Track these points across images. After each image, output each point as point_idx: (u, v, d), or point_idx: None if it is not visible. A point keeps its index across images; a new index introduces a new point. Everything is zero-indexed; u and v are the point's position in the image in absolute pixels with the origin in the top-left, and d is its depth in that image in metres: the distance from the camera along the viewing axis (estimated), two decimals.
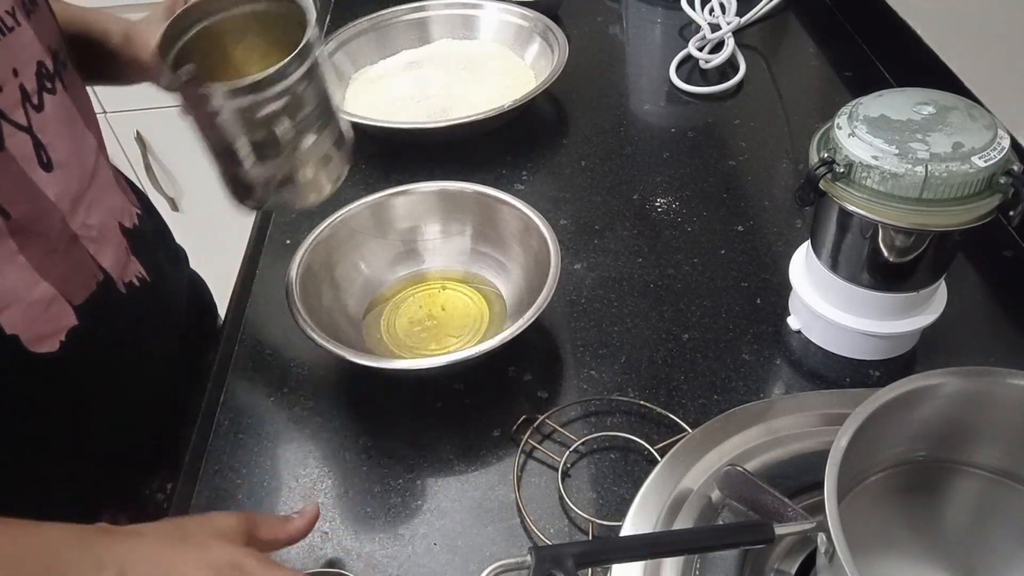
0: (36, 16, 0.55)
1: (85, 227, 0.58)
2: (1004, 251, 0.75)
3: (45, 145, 0.54)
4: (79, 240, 0.57)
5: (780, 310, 0.70)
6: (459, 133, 0.89)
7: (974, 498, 0.48)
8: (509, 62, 1.03)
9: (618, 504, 0.57)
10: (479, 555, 0.55)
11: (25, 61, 0.53)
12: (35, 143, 0.53)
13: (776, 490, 0.45)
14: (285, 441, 0.63)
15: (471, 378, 0.66)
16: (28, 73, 0.53)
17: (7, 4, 0.52)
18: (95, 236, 0.59)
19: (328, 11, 1.24)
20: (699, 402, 0.63)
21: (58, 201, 0.55)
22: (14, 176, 0.52)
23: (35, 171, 0.53)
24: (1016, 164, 0.53)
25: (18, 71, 0.52)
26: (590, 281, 0.75)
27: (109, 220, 0.61)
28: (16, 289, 0.52)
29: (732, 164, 0.88)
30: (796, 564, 0.47)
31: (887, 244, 0.58)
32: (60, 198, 0.55)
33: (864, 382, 0.64)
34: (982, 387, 0.45)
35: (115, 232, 0.62)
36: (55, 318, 0.55)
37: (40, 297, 0.54)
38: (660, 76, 1.04)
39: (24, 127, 0.52)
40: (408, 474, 0.60)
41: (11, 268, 0.52)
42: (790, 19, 1.15)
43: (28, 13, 0.54)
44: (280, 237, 0.82)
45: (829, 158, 0.56)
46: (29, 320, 0.53)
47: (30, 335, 0.54)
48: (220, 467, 0.61)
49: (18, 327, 0.53)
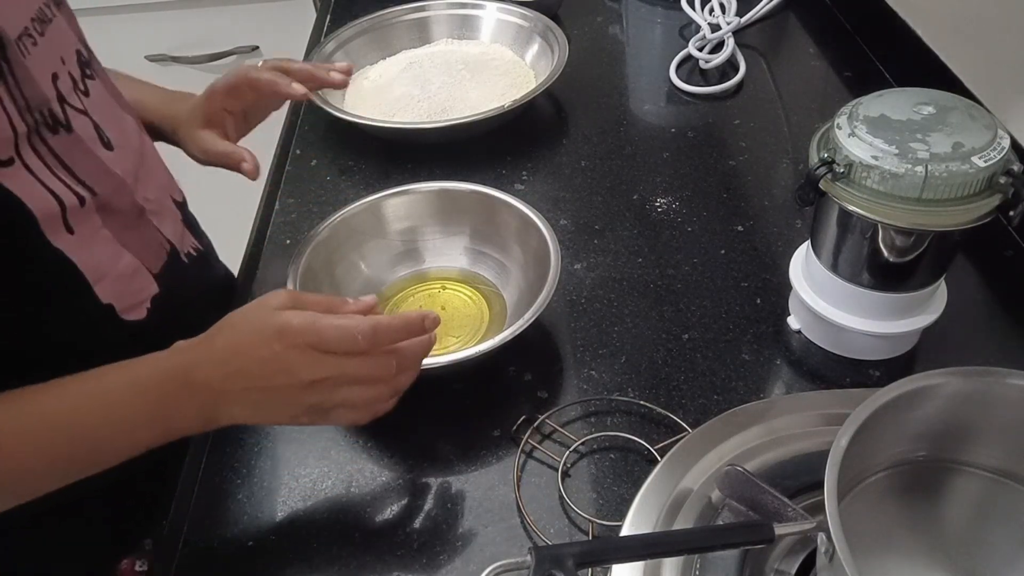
0: (63, 8, 0.58)
1: (147, 200, 0.61)
2: (1004, 251, 0.75)
3: (101, 126, 0.57)
4: (145, 213, 0.61)
5: (780, 310, 0.70)
6: (459, 133, 0.89)
7: (974, 498, 0.48)
8: (509, 62, 1.03)
9: (618, 504, 0.57)
10: (479, 555, 0.55)
11: (67, 50, 0.56)
12: (94, 124, 0.56)
13: (776, 490, 0.45)
14: (285, 441, 0.63)
15: (471, 378, 0.65)
16: (72, 61, 0.56)
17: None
18: (156, 209, 0.63)
19: (328, 11, 1.24)
20: (699, 402, 0.63)
21: (124, 176, 0.58)
22: (87, 155, 0.55)
23: (100, 150, 0.56)
24: (1016, 164, 0.53)
25: (64, 59, 0.55)
26: (590, 281, 0.75)
27: (163, 194, 0.65)
28: (105, 262, 0.56)
29: (732, 164, 0.88)
30: (796, 564, 0.47)
31: (887, 244, 0.58)
32: (125, 174, 0.58)
33: (864, 382, 0.64)
34: (982, 387, 0.45)
35: (170, 205, 0.66)
36: (140, 287, 0.59)
37: (125, 268, 0.58)
38: (660, 76, 1.04)
39: (82, 110, 0.55)
40: (408, 474, 0.60)
41: (98, 242, 0.55)
42: (790, 19, 1.15)
43: (58, 5, 0.57)
44: (280, 237, 0.82)
45: (829, 158, 0.56)
46: (119, 290, 0.57)
47: (123, 304, 0.57)
48: (220, 467, 0.61)
49: (111, 297, 0.56)
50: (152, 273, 0.61)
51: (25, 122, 0.49)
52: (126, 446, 0.50)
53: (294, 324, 0.49)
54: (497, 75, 0.99)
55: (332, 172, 0.91)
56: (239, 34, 1.50)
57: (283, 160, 0.93)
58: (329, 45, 1.02)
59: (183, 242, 0.67)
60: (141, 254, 0.60)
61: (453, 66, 1.00)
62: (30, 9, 0.52)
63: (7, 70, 0.48)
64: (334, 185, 0.89)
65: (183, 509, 0.59)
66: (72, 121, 0.54)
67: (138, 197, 0.60)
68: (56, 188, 0.51)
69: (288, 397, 0.50)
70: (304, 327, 0.49)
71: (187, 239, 0.68)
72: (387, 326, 0.51)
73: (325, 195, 0.87)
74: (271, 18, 1.48)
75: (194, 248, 0.69)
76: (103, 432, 0.50)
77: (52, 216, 0.51)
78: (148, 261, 0.60)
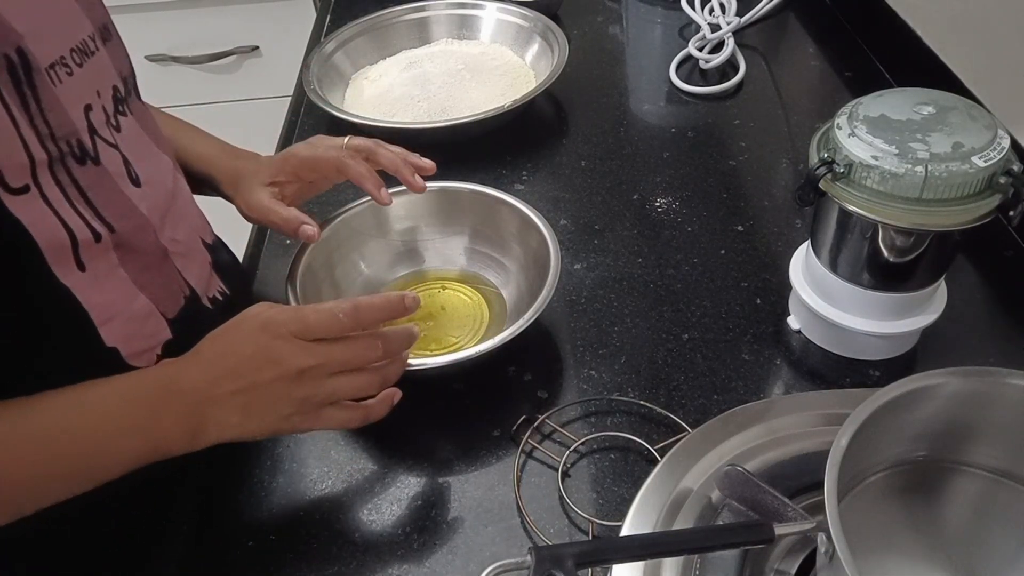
0: (111, 44, 0.57)
1: (174, 242, 0.59)
2: (1004, 251, 0.75)
3: (131, 162, 0.56)
4: (168, 255, 0.59)
5: (780, 310, 0.70)
6: (459, 133, 0.89)
7: (974, 498, 0.48)
8: (509, 62, 1.03)
9: (618, 504, 0.57)
10: (479, 555, 0.55)
11: (104, 84, 0.55)
12: (123, 159, 0.55)
13: (776, 490, 0.45)
14: (285, 441, 0.63)
15: (471, 378, 0.65)
16: (107, 96, 0.55)
17: (88, 30, 0.54)
18: (183, 251, 0.60)
19: (328, 11, 1.24)
20: (699, 402, 0.63)
21: (149, 216, 0.56)
22: (111, 191, 0.53)
23: (127, 186, 0.55)
24: (1016, 164, 0.53)
25: (100, 93, 0.54)
26: (590, 281, 0.75)
27: (192, 236, 0.63)
28: (117, 302, 0.54)
29: (732, 164, 0.88)
30: (796, 564, 0.47)
31: (887, 244, 0.58)
32: (151, 213, 0.57)
33: (864, 382, 0.64)
34: (982, 387, 0.45)
35: (199, 248, 0.64)
36: (152, 332, 0.57)
37: (139, 310, 0.55)
38: (660, 76, 1.04)
39: (113, 144, 0.54)
40: (408, 474, 0.60)
41: (113, 281, 0.53)
42: (790, 19, 1.15)
43: (104, 40, 0.56)
44: (280, 237, 0.82)
45: (829, 158, 0.56)
46: (129, 333, 0.54)
47: (129, 349, 0.54)
48: (220, 467, 0.61)
49: (118, 340, 0.54)
50: (167, 318, 0.58)
51: (47, 150, 0.48)
52: (111, 459, 0.49)
53: (277, 317, 0.51)
54: (497, 75, 0.99)
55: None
56: (239, 34, 1.50)
57: None
58: (329, 45, 1.02)
59: (208, 286, 0.64)
60: (157, 297, 0.57)
61: (453, 66, 1.00)
62: (71, 40, 0.51)
63: (30, 96, 0.47)
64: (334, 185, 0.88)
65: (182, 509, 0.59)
66: (101, 154, 0.53)
67: (163, 238, 0.58)
68: (71, 221, 0.49)
69: (277, 393, 0.50)
70: (288, 317, 0.50)
71: (214, 283, 0.66)
72: (368, 304, 0.52)
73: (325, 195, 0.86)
74: (271, 18, 1.48)
75: (220, 292, 0.66)
76: (87, 445, 0.49)
77: (60, 249, 0.49)
78: (164, 305, 0.58)
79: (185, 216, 0.63)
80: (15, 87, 0.46)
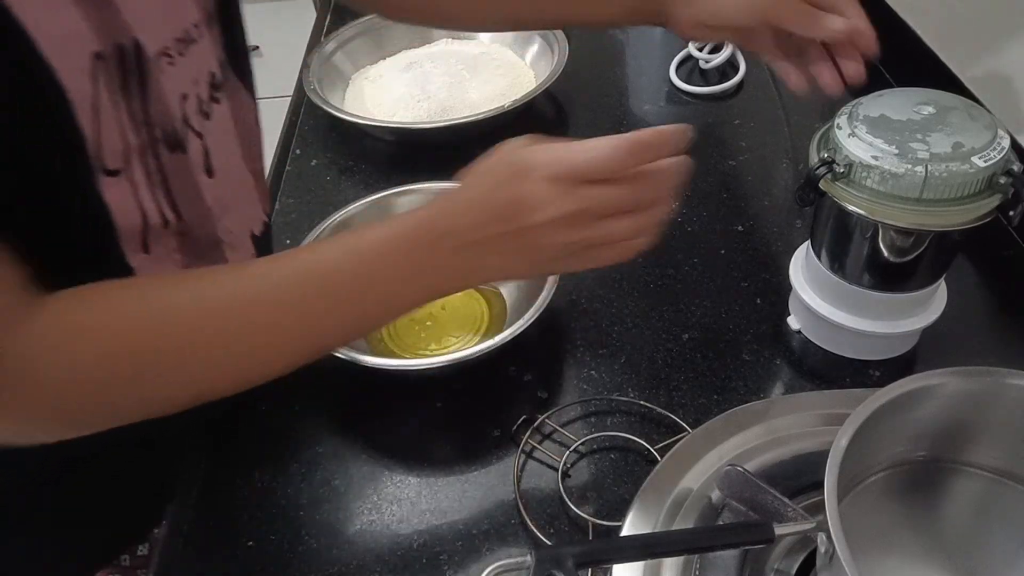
0: (213, 28, 0.56)
1: (228, 233, 0.59)
2: (1004, 251, 0.75)
3: (211, 152, 0.55)
4: (220, 245, 0.59)
5: (780, 310, 0.70)
6: (459, 133, 0.89)
7: (974, 498, 0.48)
8: (509, 62, 1.03)
9: (618, 504, 0.57)
10: (479, 555, 0.55)
11: (202, 72, 0.54)
12: (204, 150, 0.55)
13: (776, 490, 0.45)
14: (284, 440, 0.63)
15: (471, 378, 0.65)
16: (203, 84, 0.54)
17: (195, 16, 0.52)
18: (233, 243, 0.60)
19: (328, 11, 1.24)
20: (699, 402, 0.63)
21: (213, 206, 0.56)
22: (188, 179, 0.53)
23: (201, 176, 0.55)
24: (1016, 164, 0.53)
25: (197, 81, 0.53)
26: (590, 281, 0.75)
27: (244, 228, 0.63)
28: None
29: (732, 164, 0.88)
30: (796, 564, 0.47)
31: (887, 244, 0.58)
32: (215, 203, 0.57)
33: (864, 382, 0.64)
34: (982, 387, 0.45)
35: (247, 240, 0.63)
36: None
37: None
38: (660, 76, 1.04)
39: (199, 133, 0.54)
40: (408, 474, 0.60)
41: (167, 264, 0.53)
42: None
43: (209, 24, 0.55)
44: (280, 237, 0.82)
45: (829, 158, 0.56)
46: None
47: None
48: (220, 467, 0.61)
49: None
50: None
51: (139, 136, 0.48)
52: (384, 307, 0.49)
53: (540, 157, 0.46)
54: (497, 75, 0.99)
55: (332, 172, 0.91)
56: None
57: (283, 160, 0.93)
58: (329, 45, 1.02)
59: None
60: None
61: (453, 66, 1.00)
62: (176, 29, 0.51)
63: (136, 83, 0.46)
64: (334, 185, 0.89)
65: (182, 509, 0.59)
66: (188, 144, 0.53)
67: (219, 229, 0.58)
68: (147, 206, 0.50)
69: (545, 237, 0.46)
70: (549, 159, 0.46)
71: None
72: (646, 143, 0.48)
73: (325, 195, 0.87)
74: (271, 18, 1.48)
75: None
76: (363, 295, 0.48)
77: (133, 232, 0.49)
78: None
79: (242, 208, 0.63)
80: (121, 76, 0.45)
